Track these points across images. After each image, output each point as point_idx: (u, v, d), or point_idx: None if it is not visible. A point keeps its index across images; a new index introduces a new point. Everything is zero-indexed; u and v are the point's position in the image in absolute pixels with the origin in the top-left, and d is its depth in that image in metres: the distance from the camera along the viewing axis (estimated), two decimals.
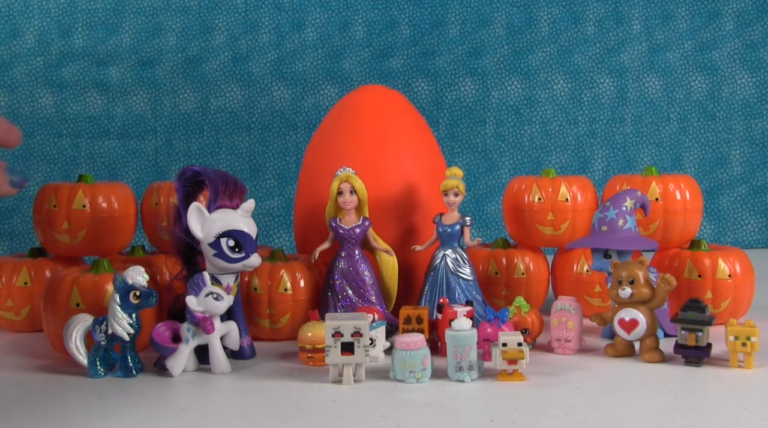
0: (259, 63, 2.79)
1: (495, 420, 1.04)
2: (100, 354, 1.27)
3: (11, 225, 2.65)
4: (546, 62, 2.87)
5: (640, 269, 1.33)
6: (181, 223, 1.34)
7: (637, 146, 2.87)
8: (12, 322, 1.60)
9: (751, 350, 1.25)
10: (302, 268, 1.51)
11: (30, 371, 1.33)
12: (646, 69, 2.88)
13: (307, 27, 2.81)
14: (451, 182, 1.48)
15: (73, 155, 2.71)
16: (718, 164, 2.87)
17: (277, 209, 2.77)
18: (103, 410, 1.11)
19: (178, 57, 2.76)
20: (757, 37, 2.87)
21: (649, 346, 1.32)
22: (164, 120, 2.76)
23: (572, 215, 1.66)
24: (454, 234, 1.49)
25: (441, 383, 1.21)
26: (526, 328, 1.38)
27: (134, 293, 1.26)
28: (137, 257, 1.64)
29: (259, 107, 2.79)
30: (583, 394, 1.14)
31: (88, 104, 2.72)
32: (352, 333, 1.19)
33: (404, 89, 2.79)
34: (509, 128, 2.85)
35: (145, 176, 2.72)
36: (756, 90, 2.88)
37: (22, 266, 1.59)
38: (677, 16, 2.88)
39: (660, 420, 1.03)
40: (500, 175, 2.84)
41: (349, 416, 1.06)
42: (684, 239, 1.64)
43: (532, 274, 1.67)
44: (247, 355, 1.38)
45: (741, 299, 1.56)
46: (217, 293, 1.28)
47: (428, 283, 1.51)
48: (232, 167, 2.76)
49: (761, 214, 2.87)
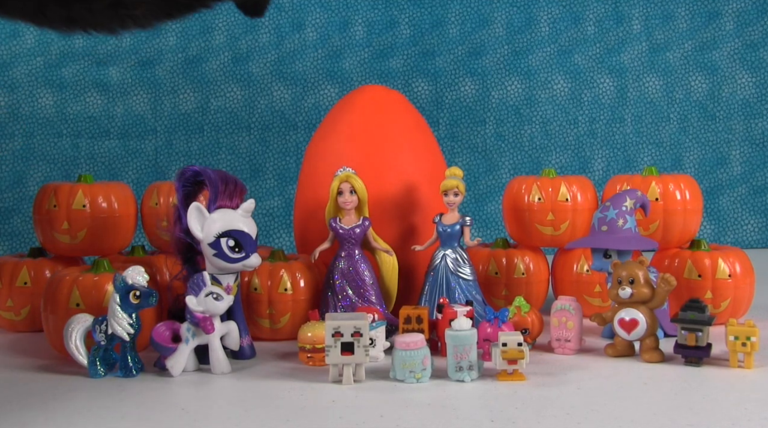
0: (259, 63, 2.79)
1: (495, 420, 1.04)
2: (100, 354, 1.27)
3: (11, 225, 2.65)
4: (546, 62, 2.86)
5: (640, 269, 1.33)
6: (181, 223, 1.34)
7: (637, 146, 2.87)
8: (12, 322, 1.60)
9: (751, 350, 1.25)
10: (302, 268, 1.51)
11: (30, 371, 1.33)
12: (646, 69, 2.88)
13: (307, 27, 2.81)
14: (451, 182, 1.48)
15: (73, 155, 2.70)
16: (718, 164, 2.87)
17: (277, 209, 2.77)
18: (103, 410, 1.11)
19: (178, 57, 2.76)
20: (757, 37, 2.87)
21: (649, 346, 1.32)
22: (164, 120, 2.75)
23: (572, 215, 1.66)
24: (454, 234, 1.49)
25: (441, 383, 1.21)
26: (526, 328, 1.38)
27: (134, 293, 1.26)
28: (137, 257, 1.64)
29: (259, 107, 2.79)
30: (583, 394, 1.15)
31: (88, 104, 2.72)
32: (352, 333, 1.19)
33: (404, 89, 2.79)
34: (509, 128, 2.85)
35: (145, 176, 2.72)
36: (756, 90, 2.88)
37: (22, 266, 1.59)
38: (677, 16, 2.88)
39: (660, 420, 1.03)
40: (500, 175, 2.84)
41: (349, 416, 1.06)
42: (684, 239, 1.64)
43: (532, 274, 1.67)
44: (247, 355, 1.38)
45: (741, 299, 1.56)
46: (217, 293, 1.28)
47: (428, 283, 1.51)
48: (232, 167, 2.76)
49: (761, 214, 2.87)
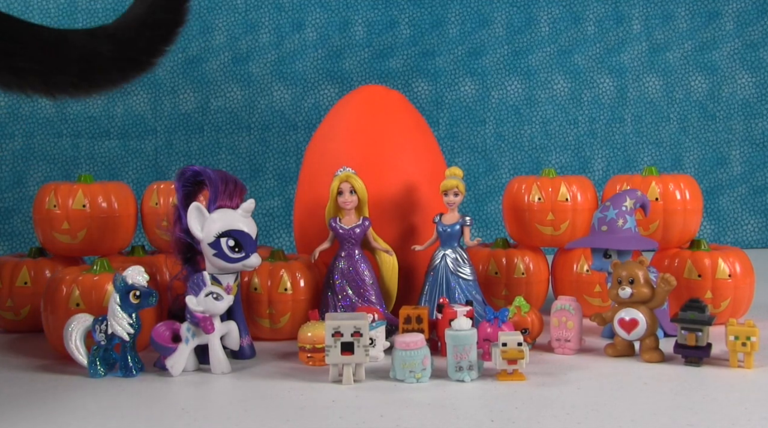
0: (259, 63, 2.79)
1: (495, 420, 1.04)
2: (100, 353, 1.27)
3: (11, 225, 2.65)
4: (546, 62, 2.86)
5: (640, 269, 1.33)
6: (181, 223, 1.34)
7: (637, 146, 2.87)
8: (12, 322, 1.60)
9: (751, 350, 1.25)
10: (302, 268, 1.51)
11: (30, 371, 1.32)
12: (646, 69, 2.88)
13: (307, 27, 2.81)
14: (451, 182, 1.48)
15: (73, 155, 2.70)
16: (718, 164, 2.87)
17: (277, 209, 2.77)
18: (103, 410, 1.11)
19: (178, 57, 2.76)
20: (757, 37, 2.87)
21: (649, 346, 1.32)
22: (164, 120, 2.75)
23: (572, 215, 1.66)
24: (454, 234, 1.49)
25: (441, 383, 1.21)
26: (526, 328, 1.38)
27: (134, 293, 1.26)
28: (137, 257, 1.64)
29: (259, 107, 2.79)
30: (583, 394, 1.14)
31: (88, 104, 2.72)
32: (352, 333, 1.19)
33: (404, 89, 2.78)
34: (509, 128, 2.85)
35: (145, 176, 2.72)
36: (756, 90, 2.87)
37: (22, 266, 1.59)
38: (677, 16, 2.88)
39: (660, 420, 1.03)
40: (500, 175, 2.84)
41: (349, 416, 1.06)
42: (684, 239, 1.64)
43: (532, 274, 1.67)
44: (247, 355, 1.38)
45: (741, 299, 1.56)
46: (217, 293, 1.28)
47: (428, 283, 1.51)
48: (232, 167, 2.76)
49: (761, 214, 2.87)
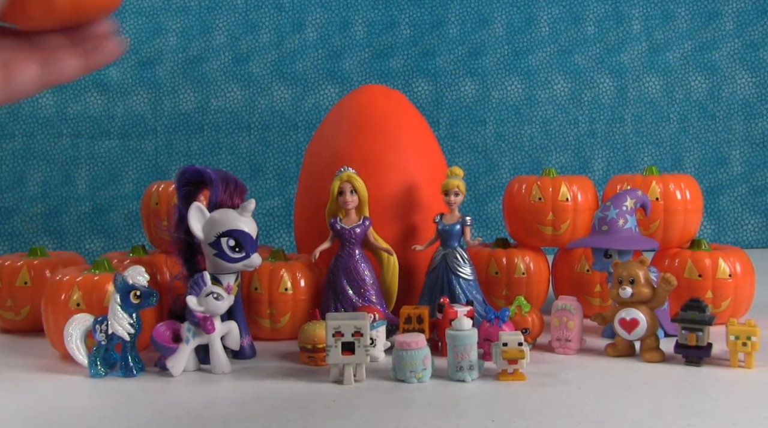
0: (259, 63, 2.79)
1: (495, 420, 1.03)
2: (101, 353, 1.27)
3: (11, 225, 2.65)
4: (546, 62, 2.86)
5: (640, 269, 1.33)
6: (182, 223, 1.34)
7: (637, 146, 2.87)
8: (12, 322, 1.60)
9: (751, 349, 1.25)
10: (302, 268, 1.51)
11: (30, 371, 1.32)
12: (646, 69, 2.88)
13: (307, 27, 2.81)
14: (452, 182, 1.48)
15: (73, 155, 2.70)
16: (718, 164, 2.87)
17: (277, 209, 2.77)
18: (103, 410, 1.11)
19: (178, 57, 2.76)
20: (757, 37, 2.87)
21: (650, 346, 1.32)
22: (164, 120, 2.75)
23: (572, 214, 1.66)
24: (454, 234, 1.49)
25: (441, 383, 1.21)
26: (526, 328, 1.38)
27: (134, 293, 1.26)
28: (137, 257, 1.64)
29: (259, 107, 2.79)
30: (583, 394, 1.14)
31: (88, 104, 2.72)
32: (352, 333, 1.19)
33: (404, 89, 2.79)
34: (509, 128, 2.85)
35: (145, 176, 2.72)
36: (756, 90, 2.88)
37: (22, 266, 1.59)
38: (677, 16, 2.88)
39: (660, 420, 1.03)
40: (500, 175, 2.84)
41: (350, 416, 1.06)
42: (684, 238, 1.64)
43: (532, 274, 1.67)
44: (248, 355, 1.38)
45: (741, 299, 1.56)
46: (217, 293, 1.28)
47: (428, 283, 1.51)
48: (232, 167, 2.76)
49: (761, 214, 2.87)
